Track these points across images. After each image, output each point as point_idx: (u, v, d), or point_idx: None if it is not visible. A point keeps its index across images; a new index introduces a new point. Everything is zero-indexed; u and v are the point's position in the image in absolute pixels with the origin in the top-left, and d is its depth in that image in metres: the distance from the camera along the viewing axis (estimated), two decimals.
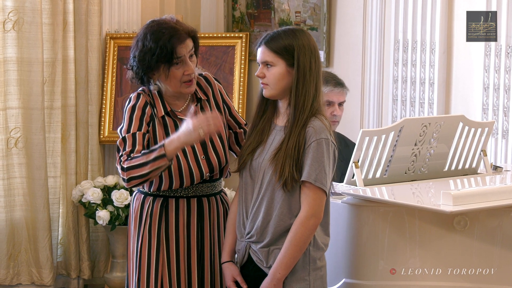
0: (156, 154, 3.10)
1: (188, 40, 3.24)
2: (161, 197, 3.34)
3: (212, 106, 3.38)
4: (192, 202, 3.35)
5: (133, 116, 3.25)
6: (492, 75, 4.56)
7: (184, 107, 3.33)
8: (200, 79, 3.39)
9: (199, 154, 3.30)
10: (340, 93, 4.04)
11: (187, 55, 3.22)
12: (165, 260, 3.32)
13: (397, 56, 5.00)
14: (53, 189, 5.35)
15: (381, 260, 3.36)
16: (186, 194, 3.34)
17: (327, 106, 3.97)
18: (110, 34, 5.62)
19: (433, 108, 4.84)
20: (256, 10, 5.77)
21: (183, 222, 3.34)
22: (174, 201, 3.33)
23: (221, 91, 3.42)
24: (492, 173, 3.87)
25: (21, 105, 5.16)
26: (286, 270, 3.07)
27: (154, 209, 3.33)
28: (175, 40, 3.20)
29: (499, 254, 3.35)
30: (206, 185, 3.37)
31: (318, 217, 3.07)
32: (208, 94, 3.39)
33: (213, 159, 3.32)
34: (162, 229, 3.33)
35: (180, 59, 3.21)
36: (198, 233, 3.36)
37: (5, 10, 5.09)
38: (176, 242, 3.33)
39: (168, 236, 3.32)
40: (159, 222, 3.33)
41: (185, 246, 3.34)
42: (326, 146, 3.05)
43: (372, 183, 3.52)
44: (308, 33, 3.16)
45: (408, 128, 3.54)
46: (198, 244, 3.36)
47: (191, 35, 3.26)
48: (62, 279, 5.55)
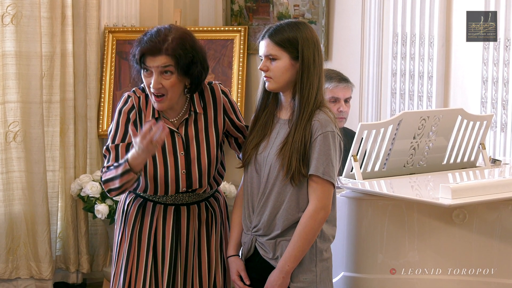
0: (122, 169, 3.09)
1: (161, 57, 3.11)
2: (141, 198, 3.32)
3: (209, 120, 3.28)
4: (169, 210, 3.30)
5: (119, 121, 3.23)
6: (490, 69, 4.56)
7: (178, 119, 3.25)
8: (206, 89, 3.29)
9: (181, 168, 3.24)
10: (345, 88, 4.01)
11: (157, 70, 3.12)
12: (135, 261, 3.30)
13: (395, 49, 5.00)
14: (52, 183, 5.35)
15: (380, 253, 3.36)
16: (164, 201, 3.30)
17: (333, 103, 3.95)
18: (109, 28, 5.61)
19: (431, 102, 4.84)
20: (254, 3, 5.77)
21: (156, 227, 3.30)
22: (152, 206, 3.30)
23: (225, 105, 3.30)
24: (491, 166, 3.87)
25: (20, 99, 5.16)
26: (294, 263, 3.09)
27: (132, 208, 3.32)
28: (145, 49, 3.13)
29: (498, 247, 3.35)
30: (188, 195, 3.30)
31: (327, 210, 3.08)
32: (207, 106, 3.29)
33: (194, 175, 3.25)
34: (135, 230, 3.31)
35: (147, 69, 3.15)
36: (172, 241, 3.30)
37: (3, 4, 5.08)
38: (147, 246, 3.29)
39: (141, 238, 3.30)
40: (134, 222, 3.31)
41: (160, 252, 3.29)
42: (332, 139, 3.06)
43: (370, 176, 3.52)
44: (310, 26, 3.16)
45: (407, 121, 3.54)
46: (172, 252, 3.30)
47: (171, 54, 3.12)
48: (61, 273, 5.56)
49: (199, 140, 3.26)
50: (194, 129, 3.26)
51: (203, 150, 3.25)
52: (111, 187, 3.15)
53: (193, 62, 3.16)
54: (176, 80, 3.14)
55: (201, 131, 3.26)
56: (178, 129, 3.25)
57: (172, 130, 3.23)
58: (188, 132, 3.25)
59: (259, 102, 3.21)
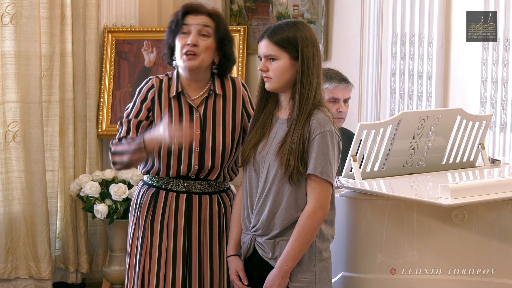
0: (136, 146, 3.21)
1: (202, 15, 3.30)
2: (154, 188, 3.38)
3: (227, 106, 3.38)
4: (181, 198, 3.36)
5: (136, 99, 3.36)
6: (490, 68, 4.56)
7: (198, 97, 3.36)
8: (227, 80, 3.42)
9: (195, 146, 3.32)
10: (345, 89, 4.01)
11: (196, 28, 3.27)
12: (148, 250, 3.35)
13: (395, 49, 5.00)
14: (51, 183, 5.35)
15: (379, 253, 3.36)
16: (176, 189, 3.36)
17: (332, 103, 3.95)
18: (108, 28, 5.61)
19: (431, 102, 4.84)
20: (254, 3, 5.77)
21: (168, 215, 3.36)
22: (164, 194, 3.37)
23: (244, 98, 3.42)
24: (490, 166, 3.87)
25: (19, 99, 5.15)
26: (293, 262, 3.09)
27: (145, 198, 3.38)
28: (187, 10, 3.30)
29: (497, 247, 3.35)
30: (200, 183, 3.37)
31: (325, 210, 3.08)
32: (226, 93, 3.39)
33: (207, 154, 3.32)
34: (148, 219, 3.36)
35: (185, 28, 3.27)
36: (185, 230, 3.36)
37: (2, 3, 5.08)
38: (160, 235, 3.35)
39: (153, 227, 3.35)
40: (147, 211, 3.37)
41: (172, 240, 3.35)
42: (331, 139, 3.06)
43: (370, 176, 3.52)
44: (308, 25, 3.16)
45: (406, 121, 3.54)
46: (184, 240, 3.36)
47: (210, 13, 3.32)
48: (61, 273, 5.55)
49: (216, 121, 3.35)
50: (213, 110, 3.35)
51: (218, 131, 3.34)
52: (117, 160, 3.26)
53: (227, 38, 3.33)
54: (212, 44, 3.30)
55: (219, 113, 3.36)
56: (198, 108, 3.34)
57: (191, 106, 3.33)
58: (206, 112, 3.35)
59: (257, 102, 3.21)
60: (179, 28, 3.29)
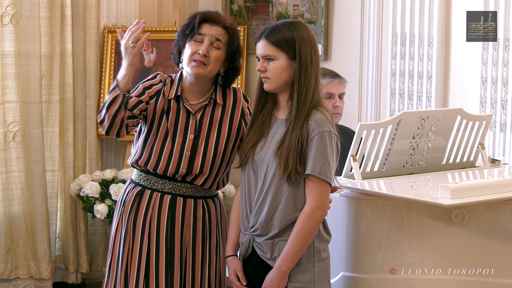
0: (111, 87, 3.22)
1: (218, 26, 3.29)
2: (140, 187, 3.37)
3: (225, 115, 3.37)
4: (165, 198, 3.34)
5: (140, 85, 3.35)
6: (490, 68, 4.57)
7: (197, 103, 3.34)
8: (229, 90, 3.41)
9: (186, 150, 3.31)
10: (339, 83, 4.07)
11: (210, 39, 3.26)
12: (130, 249, 3.34)
13: (395, 49, 5.00)
14: (51, 183, 5.35)
15: (379, 253, 3.36)
16: (162, 189, 3.35)
17: (328, 98, 3.99)
18: (108, 28, 5.61)
19: (431, 102, 4.84)
20: (254, 3, 5.77)
21: (151, 215, 3.34)
22: (149, 193, 3.36)
23: (244, 109, 3.41)
24: (490, 166, 3.87)
25: (19, 99, 5.15)
26: (292, 263, 3.08)
27: (130, 196, 3.38)
28: (203, 18, 3.29)
29: (497, 247, 3.35)
30: (186, 186, 3.35)
31: (324, 210, 3.08)
32: (227, 103, 3.39)
33: (197, 159, 3.31)
34: (131, 217, 3.36)
35: (199, 36, 3.26)
36: (167, 231, 3.34)
37: (2, 4, 5.08)
38: (142, 234, 3.33)
39: (135, 226, 3.34)
40: (130, 209, 3.36)
41: (155, 241, 3.33)
42: (329, 139, 3.06)
43: (370, 176, 3.52)
44: (306, 25, 3.16)
45: (406, 121, 3.54)
46: (167, 241, 3.34)
47: (226, 26, 3.30)
48: (60, 273, 5.55)
49: (211, 129, 3.34)
50: (210, 118, 3.35)
51: (212, 138, 3.33)
52: (101, 113, 3.22)
53: (238, 53, 3.33)
54: (222, 57, 3.30)
55: (216, 121, 3.35)
56: (195, 113, 3.33)
57: (189, 111, 3.32)
58: (203, 119, 3.34)
59: (256, 103, 3.22)
60: (193, 35, 3.28)
